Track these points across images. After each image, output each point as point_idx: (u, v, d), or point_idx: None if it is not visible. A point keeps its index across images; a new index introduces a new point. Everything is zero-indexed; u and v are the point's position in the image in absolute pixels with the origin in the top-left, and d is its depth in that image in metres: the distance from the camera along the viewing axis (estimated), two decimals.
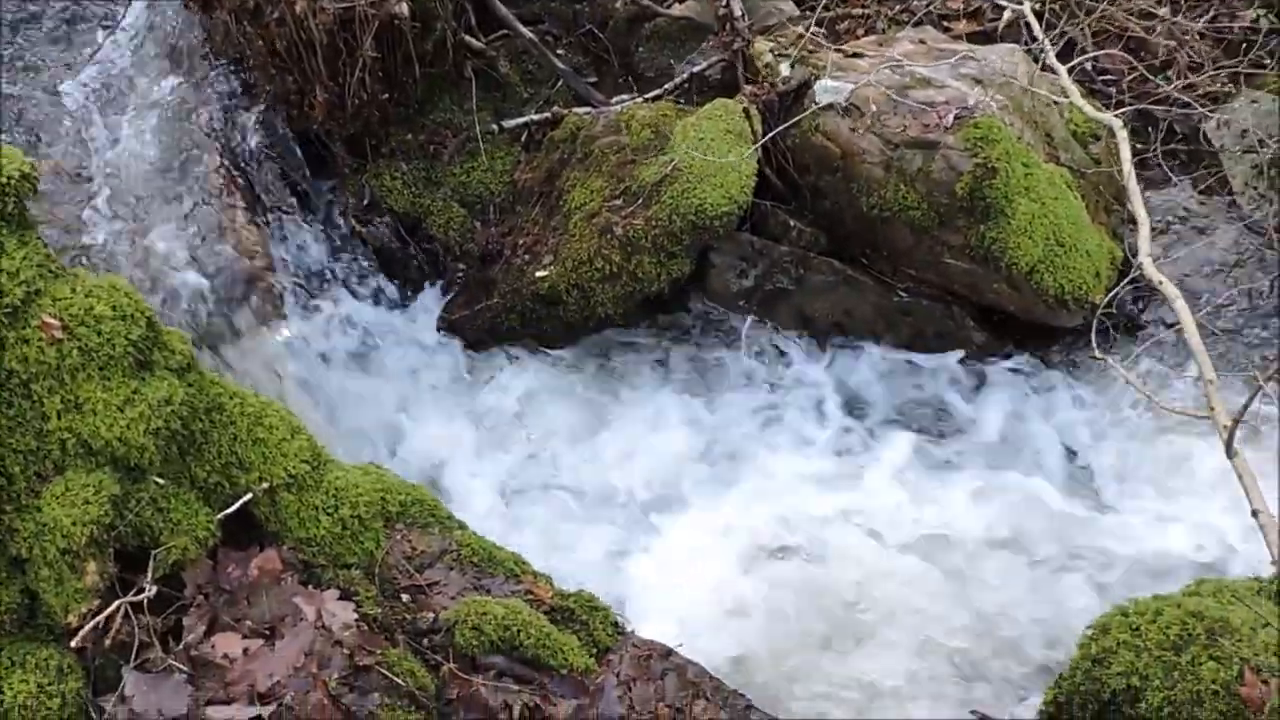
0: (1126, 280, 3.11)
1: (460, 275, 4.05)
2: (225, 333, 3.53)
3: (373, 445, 3.54)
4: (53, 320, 1.94)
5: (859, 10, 4.49)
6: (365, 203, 4.04)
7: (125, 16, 4.06)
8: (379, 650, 2.17)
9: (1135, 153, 3.55)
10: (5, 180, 1.92)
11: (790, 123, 3.75)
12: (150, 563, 2.01)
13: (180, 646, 2.04)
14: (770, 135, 3.73)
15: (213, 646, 2.06)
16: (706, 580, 3.09)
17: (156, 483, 2.00)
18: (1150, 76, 4.12)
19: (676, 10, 4.37)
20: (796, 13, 4.31)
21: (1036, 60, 3.95)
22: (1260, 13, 4.18)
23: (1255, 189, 3.81)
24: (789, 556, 3.13)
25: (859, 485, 3.44)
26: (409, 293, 4.03)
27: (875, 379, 3.76)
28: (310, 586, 2.21)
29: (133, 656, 1.97)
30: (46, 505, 1.90)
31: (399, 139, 4.06)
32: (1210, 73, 3.95)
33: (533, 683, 2.37)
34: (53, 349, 1.92)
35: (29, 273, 1.94)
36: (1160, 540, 3.19)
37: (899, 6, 4.47)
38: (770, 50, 3.95)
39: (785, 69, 3.89)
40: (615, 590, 3.00)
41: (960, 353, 3.74)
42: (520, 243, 3.98)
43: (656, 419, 3.66)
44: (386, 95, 3.90)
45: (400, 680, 2.14)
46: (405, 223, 4.05)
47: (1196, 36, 4.15)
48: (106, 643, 1.99)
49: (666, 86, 4.12)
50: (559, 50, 4.34)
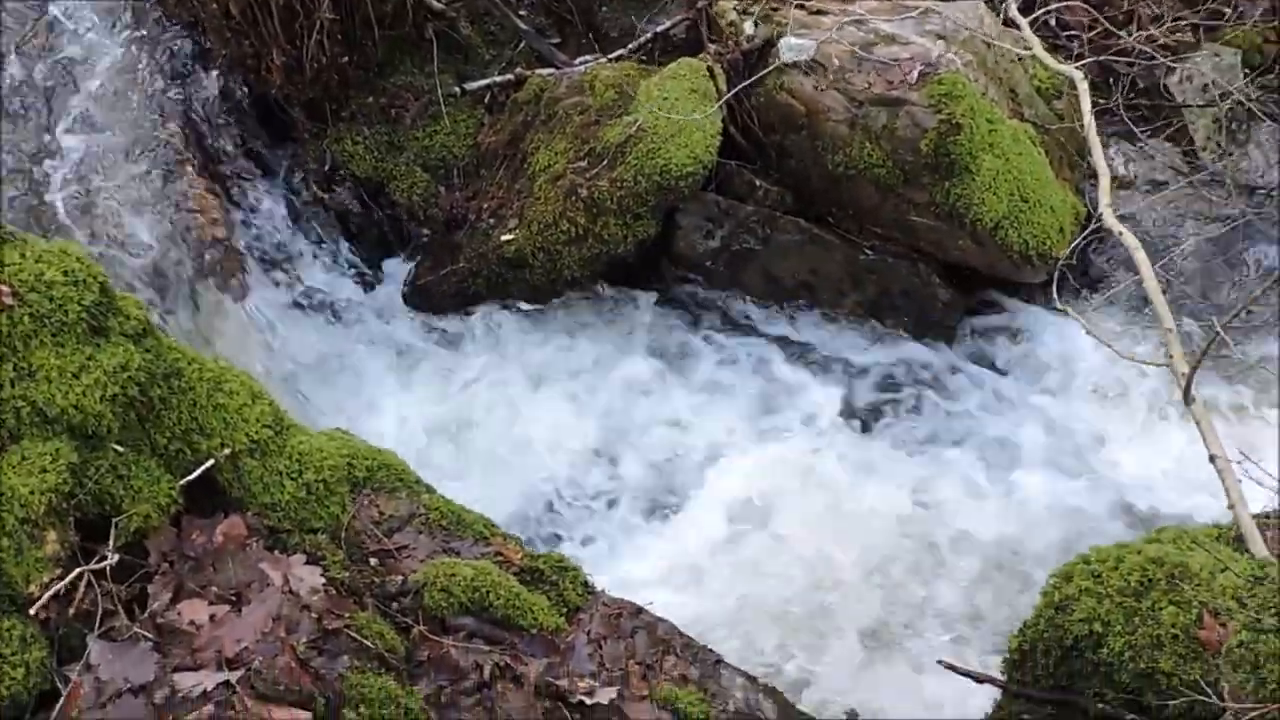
0: (1088, 231, 3.13)
1: (425, 240, 4.02)
2: (186, 302, 3.48)
3: (339, 411, 3.52)
4: (2, 286, 1.90)
5: None
6: (326, 168, 3.99)
7: None
8: (347, 614, 2.16)
9: (1097, 107, 3.57)
10: None
11: (753, 76, 3.72)
12: (112, 530, 1.99)
13: (145, 614, 2.02)
14: (734, 91, 3.71)
15: (179, 614, 2.04)
16: (672, 542, 3.11)
17: (116, 450, 1.98)
18: (1114, 30, 4.13)
19: None
20: None
21: (999, 14, 3.94)
22: None
23: (1216, 142, 3.84)
24: (753, 518, 3.15)
25: (825, 447, 3.46)
26: (373, 259, 3.99)
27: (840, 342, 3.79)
28: (276, 552, 2.19)
29: (97, 625, 1.96)
30: (3, 474, 1.88)
31: (359, 103, 4.00)
32: (1169, 24, 3.96)
33: (503, 643, 2.37)
34: (3, 316, 1.88)
35: None
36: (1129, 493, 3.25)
37: None
38: (734, 8, 3.92)
39: (749, 27, 3.86)
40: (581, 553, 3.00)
41: None
42: (485, 206, 3.94)
43: (619, 380, 3.67)
44: (345, 58, 3.84)
45: (369, 643, 2.13)
46: (368, 188, 4.00)
47: None
48: (70, 612, 1.96)
49: (630, 46, 4.07)
50: (521, 11, 4.28)
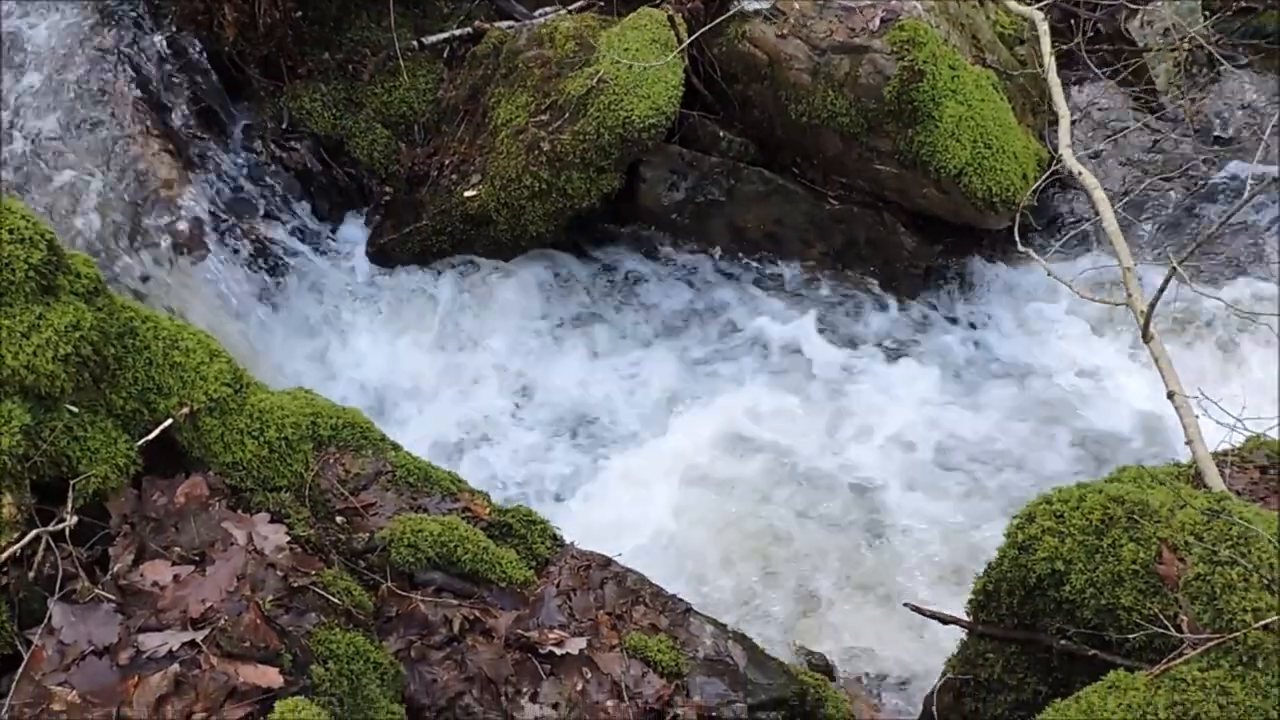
0: (1049, 173, 3.13)
1: (387, 198, 3.97)
2: (143, 262, 3.43)
3: (301, 370, 3.49)
4: None
5: None
6: (284, 126, 3.93)
7: None
8: (314, 571, 2.15)
9: (1059, 51, 3.56)
10: None
11: (714, 23, 3.67)
12: (70, 492, 1.96)
13: (108, 576, 2.01)
14: (695, 37, 3.67)
15: (141, 575, 2.02)
16: (640, 487, 3.11)
17: (70, 411, 1.94)
18: None
19: None
20: None
21: None
22: None
23: (1176, 85, 3.85)
24: (717, 462, 3.16)
25: (786, 393, 3.47)
26: (334, 217, 3.95)
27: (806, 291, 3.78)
28: (239, 511, 2.17)
29: (58, 588, 1.93)
30: None
31: (316, 59, 3.93)
32: None
33: (472, 596, 2.37)
34: None
35: None
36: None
37: None
38: None
39: None
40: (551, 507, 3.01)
41: None
42: (447, 163, 3.89)
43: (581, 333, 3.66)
44: (299, 13, 3.77)
45: (336, 599, 2.13)
46: (327, 145, 3.94)
47: None
48: (30, 575, 1.94)
49: None
50: None
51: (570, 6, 4.00)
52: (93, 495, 2.02)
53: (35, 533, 1.88)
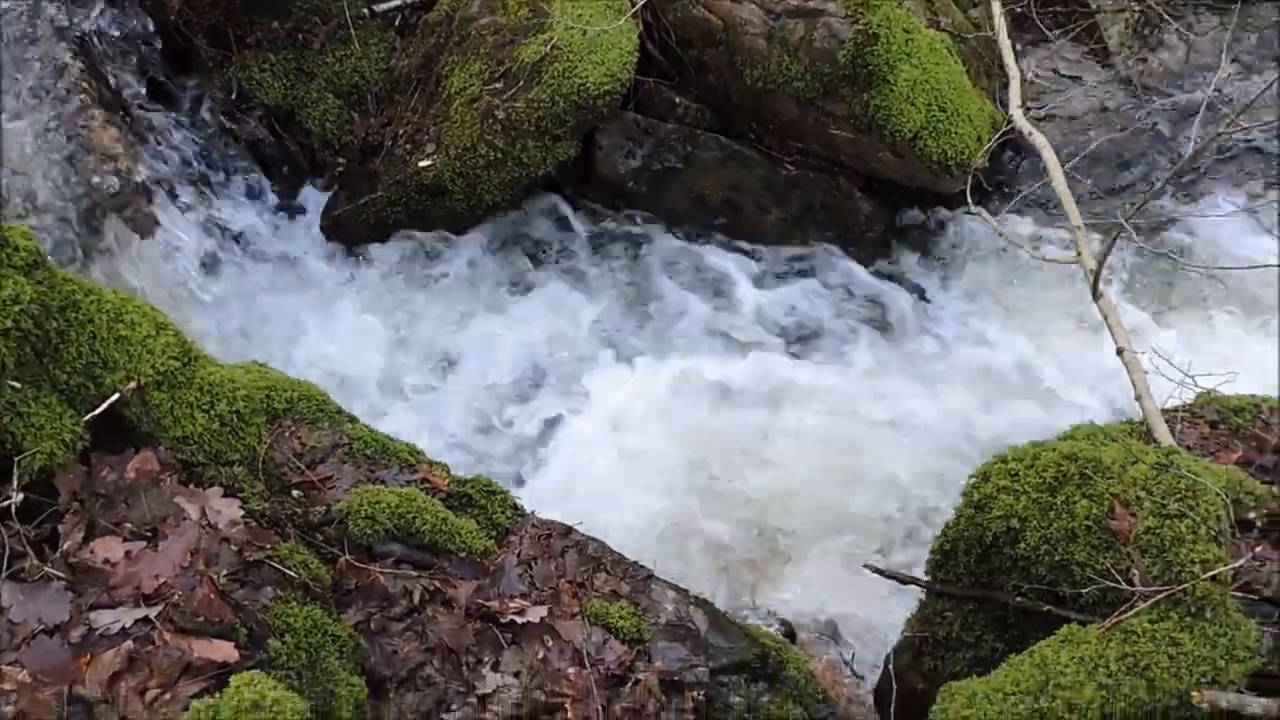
0: (1000, 134, 3.14)
1: (341, 169, 3.91)
2: (91, 238, 3.36)
3: (254, 344, 3.44)
4: None
5: None
6: (234, 97, 3.85)
7: None
8: (269, 545, 2.13)
9: (1012, 13, 3.57)
10: None
11: None
12: (15, 470, 1.92)
13: (57, 554, 1.97)
14: (649, 2, 3.63)
15: (92, 552, 1.99)
16: (599, 455, 3.11)
17: (12, 386, 1.90)
18: None
19: None
20: None
21: None
22: None
23: (1129, 46, 3.87)
24: (677, 428, 3.16)
25: (741, 359, 3.47)
26: (288, 189, 3.89)
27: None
28: (191, 486, 2.15)
29: (5, 567, 1.90)
30: None
31: (264, 28, 3.85)
32: None
33: (432, 567, 2.36)
34: None
35: None
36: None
37: None
38: None
39: None
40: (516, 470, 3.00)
41: None
42: (401, 132, 3.84)
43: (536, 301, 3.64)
44: None
45: (293, 573, 2.11)
46: (278, 116, 3.88)
47: None
48: None
49: None
50: None
51: None
52: (39, 472, 1.98)
53: None
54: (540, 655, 2.29)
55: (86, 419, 2.03)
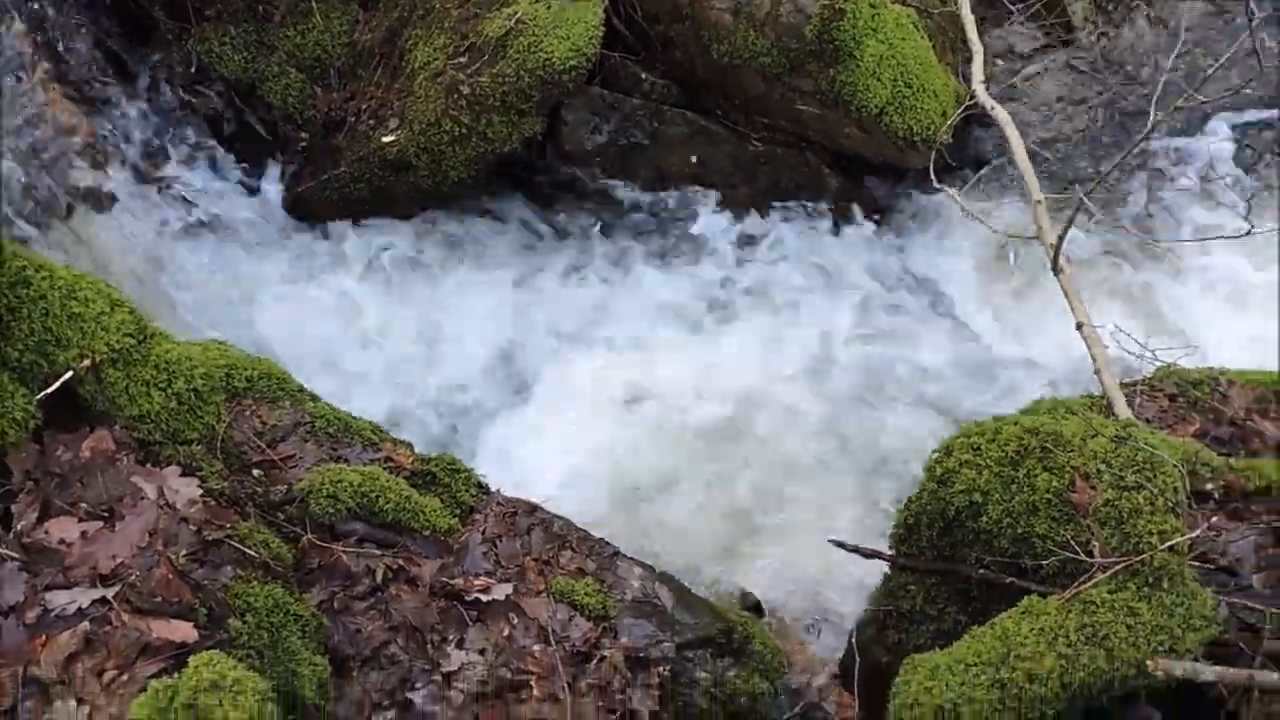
0: (963, 108, 3.14)
1: (303, 144, 3.86)
2: (46, 214, 3.30)
3: (215, 322, 3.40)
4: None
5: None
6: (192, 70, 3.79)
7: None
8: (228, 524, 2.11)
9: None
10: None
11: None
12: None
13: (11, 534, 1.95)
14: None
15: (47, 532, 1.97)
16: (567, 432, 3.10)
17: None
18: None
19: None
20: None
21: None
22: None
23: (1093, 23, 3.87)
24: (644, 403, 3.15)
25: (705, 334, 3.47)
26: (249, 165, 3.83)
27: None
28: (149, 465, 2.12)
29: None
30: None
31: (224, 0, 3.78)
32: None
33: (395, 546, 2.35)
34: None
35: None
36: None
37: None
38: None
39: None
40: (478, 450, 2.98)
41: None
42: (364, 107, 3.79)
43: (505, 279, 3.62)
44: None
45: (253, 552, 2.09)
46: (238, 90, 3.82)
47: None
48: None
49: None
50: None
51: None
52: None
53: None
54: (505, 633, 2.29)
55: (39, 397, 2.00)
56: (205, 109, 3.81)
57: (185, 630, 1.85)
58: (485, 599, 2.32)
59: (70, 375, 2.02)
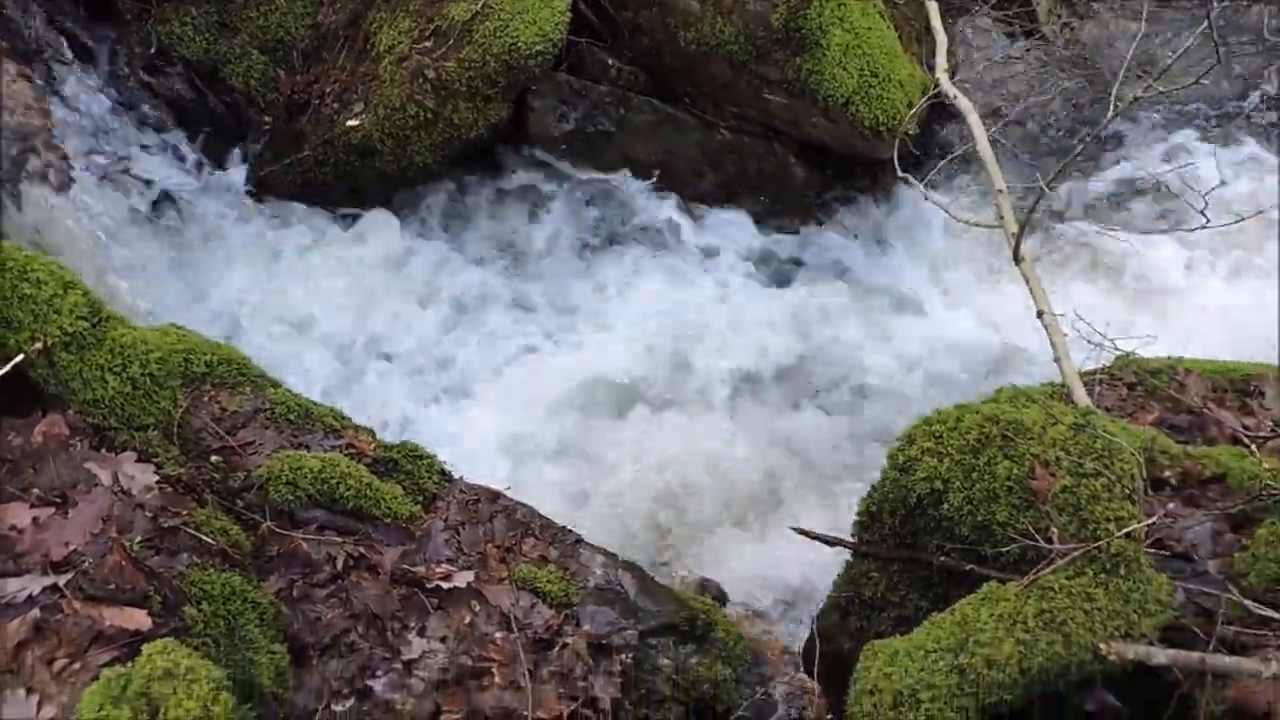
0: (927, 97, 3.15)
1: (267, 127, 3.81)
2: (3, 199, 3.23)
3: (175, 307, 3.35)
4: None
5: None
6: (153, 51, 3.73)
7: None
8: (185, 511, 2.08)
9: None
10: None
11: None
12: None
13: None
14: None
15: None
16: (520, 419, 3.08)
17: None
18: None
19: None
20: None
21: None
22: None
23: (1056, 14, 3.90)
24: (600, 390, 3.14)
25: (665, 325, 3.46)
26: (210, 148, 3.78)
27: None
28: (104, 450, 2.08)
29: None
30: None
31: None
32: None
33: (356, 533, 2.33)
34: None
35: None
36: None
37: None
38: None
39: None
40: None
41: None
42: (328, 91, 3.75)
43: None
44: None
45: (210, 539, 2.06)
46: (200, 72, 3.76)
47: None
48: None
49: None
50: None
51: None
52: None
53: None
54: (467, 620, 2.28)
55: None
56: (165, 91, 3.75)
57: (139, 618, 1.82)
58: (447, 586, 2.30)
59: (22, 358, 1.99)
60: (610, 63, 3.71)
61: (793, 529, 2.53)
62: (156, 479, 2.06)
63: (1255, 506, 2.05)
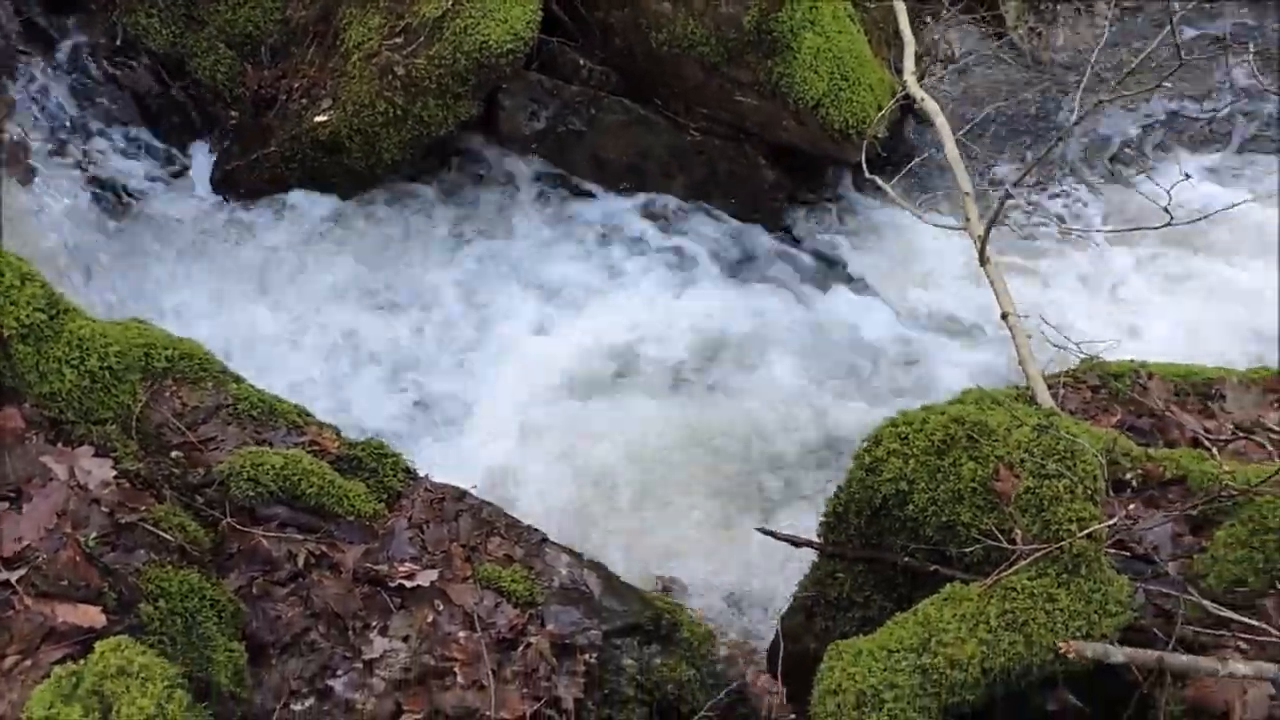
0: (895, 99, 3.17)
1: (233, 122, 3.77)
2: None
3: (135, 302, 3.31)
4: None
5: None
6: (118, 43, 3.69)
7: None
8: (143, 507, 2.04)
9: None
10: None
11: None
12: None
13: None
14: None
15: None
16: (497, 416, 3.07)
17: None
18: None
19: None
20: None
21: None
22: None
23: (1026, 22, 3.94)
24: (570, 387, 3.13)
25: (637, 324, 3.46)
26: (176, 142, 3.74)
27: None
28: (60, 444, 2.05)
29: None
30: None
31: None
32: None
33: (318, 531, 2.30)
34: None
35: None
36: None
37: None
38: None
39: None
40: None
41: None
42: (296, 86, 3.72)
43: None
44: None
45: (169, 536, 2.03)
46: (166, 65, 3.73)
47: None
48: None
49: None
50: None
51: None
52: None
53: None
54: (430, 619, 2.26)
55: None
56: (130, 84, 3.71)
57: (92, 615, 1.79)
58: (410, 585, 2.28)
59: None
60: (582, 63, 3.71)
61: (758, 529, 2.53)
62: (114, 474, 2.03)
63: (1215, 508, 2.07)
